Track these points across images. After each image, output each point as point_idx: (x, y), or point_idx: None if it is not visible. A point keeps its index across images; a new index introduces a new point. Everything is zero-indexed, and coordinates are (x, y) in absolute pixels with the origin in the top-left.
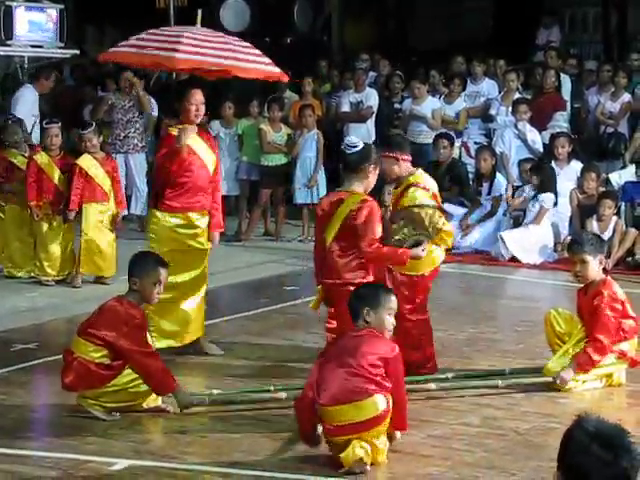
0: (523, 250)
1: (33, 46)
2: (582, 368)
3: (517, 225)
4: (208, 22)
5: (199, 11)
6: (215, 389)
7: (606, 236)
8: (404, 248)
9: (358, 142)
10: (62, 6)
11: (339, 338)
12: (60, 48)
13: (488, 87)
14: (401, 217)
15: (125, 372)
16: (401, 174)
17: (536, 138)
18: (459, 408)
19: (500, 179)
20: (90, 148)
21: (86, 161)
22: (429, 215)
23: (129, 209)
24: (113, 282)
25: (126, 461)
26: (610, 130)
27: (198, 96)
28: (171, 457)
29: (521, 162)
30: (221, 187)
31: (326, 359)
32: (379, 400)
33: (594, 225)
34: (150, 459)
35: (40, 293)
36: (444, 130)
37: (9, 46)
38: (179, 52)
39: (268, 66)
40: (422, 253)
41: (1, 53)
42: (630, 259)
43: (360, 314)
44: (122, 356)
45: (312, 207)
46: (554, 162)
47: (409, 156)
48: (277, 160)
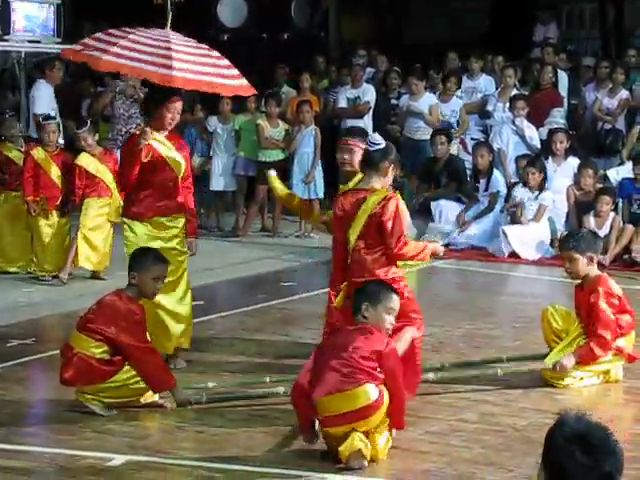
0: (523, 245)
1: (30, 41)
2: (583, 360)
3: (514, 221)
4: (206, 18)
5: (169, 16)
6: (211, 382)
7: (603, 232)
8: (425, 244)
9: (382, 140)
10: (59, 1)
11: (335, 332)
12: (57, 44)
13: (485, 83)
14: None
15: (126, 368)
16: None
17: (533, 134)
18: (456, 404)
19: (497, 175)
20: (86, 147)
21: (84, 159)
22: None
23: None
24: (110, 277)
25: (123, 456)
26: (607, 127)
27: (178, 105)
28: (168, 452)
29: (518, 158)
30: (193, 191)
31: (321, 353)
32: (370, 389)
33: (591, 221)
34: (147, 454)
35: (37, 288)
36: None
37: (6, 41)
38: (174, 69)
39: (240, 80)
40: (441, 249)
41: None
42: (627, 256)
43: (360, 309)
44: (121, 352)
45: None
46: (551, 158)
47: None
48: (274, 156)
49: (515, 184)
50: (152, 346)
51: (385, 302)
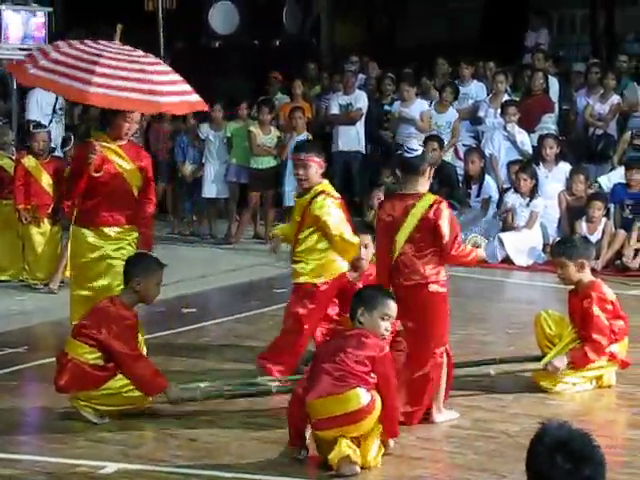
0: (517, 251)
1: (22, 49)
2: (576, 363)
3: (506, 227)
4: (198, 26)
5: (118, 27)
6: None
7: (595, 238)
8: (472, 248)
9: (417, 146)
10: (50, 9)
11: (332, 338)
12: None
13: (476, 89)
14: None
15: (119, 376)
16: (317, 181)
17: (525, 140)
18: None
19: (489, 181)
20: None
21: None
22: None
23: None
24: None
25: (115, 465)
26: (599, 132)
27: (136, 114)
28: (160, 460)
29: (510, 164)
30: (154, 203)
31: (316, 358)
32: (361, 393)
33: (583, 227)
34: (139, 463)
35: (29, 297)
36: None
37: None
38: (92, 85)
39: (182, 97)
40: (484, 254)
41: None
42: (619, 262)
43: (356, 314)
44: (111, 358)
45: None
46: (542, 163)
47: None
48: (267, 163)
49: (507, 190)
50: (141, 352)
51: (381, 308)
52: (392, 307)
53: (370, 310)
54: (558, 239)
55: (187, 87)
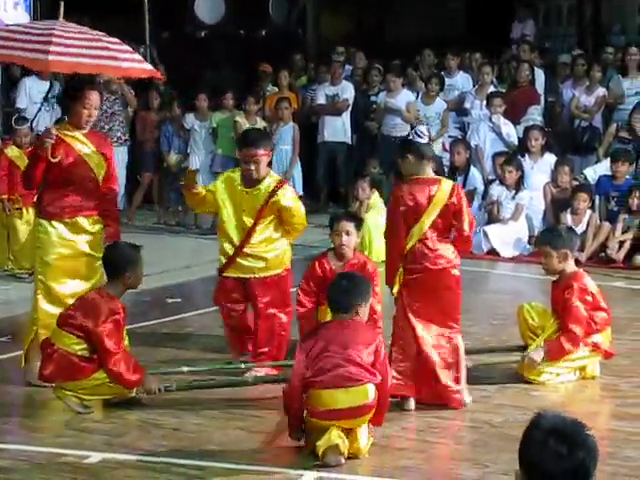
0: (502, 243)
1: None
2: (552, 356)
3: (491, 219)
4: (183, 15)
5: (61, 3)
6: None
7: (580, 229)
8: None
9: (427, 131)
10: None
11: (327, 327)
12: None
13: (462, 80)
14: None
15: None
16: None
17: (511, 131)
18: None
19: (474, 172)
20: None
21: None
22: None
23: None
24: None
25: (100, 454)
26: (585, 124)
27: (94, 98)
28: (145, 450)
29: (495, 156)
30: (116, 193)
31: (318, 346)
32: (370, 389)
33: (568, 218)
34: (124, 452)
35: (14, 287)
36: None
37: None
38: (51, 54)
39: (141, 64)
40: None
41: None
42: (603, 254)
43: (353, 307)
44: (96, 350)
45: None
46: (527, 155)
47: None
48: None
49: (492, 181)
50: (119, 348)
51: (371, 298)
52: None
53: (367, 302)
54: (544, 229)
55: (139, 57)
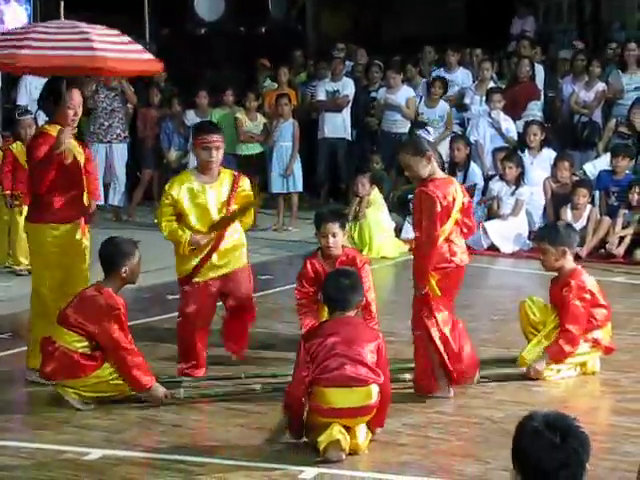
0: (502, 239)
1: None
2: (554, 359)
3: (490, 214)
4: (183, 12)
5: (61, 3)
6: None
7: (580, 225)
8: None
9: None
10: None
11: (329, 325)
12: None
13: (462, 76)
14: None
15: (106, 364)
16: None
17: (510, 127)
18: (434, 396)
19: (474, 168)
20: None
21: None
22: None
23: (106, 199)
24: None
25: (100, 451)
26: (584, 119)
27: (76, 97)
28: (145, 447)
29: (495, 151)
30: (97, 198)
31: (322, 345)
32: (374, 390)
33: (568, 214)
34: (124, 449)
35: (15, 283)
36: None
37: None
38: (24, 49)
39: (138, 54)
40: None
41: None
42: (603, 249)
43: (355, 304)
44: (102, 348)
45: (288, 196)
46: (527, 151)
47: None
48: (253, 149)
49: (492, 177)
50: (132, 345)
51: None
52: None
53: (361, 297)
54: (543, 225)
55: (139, 47)
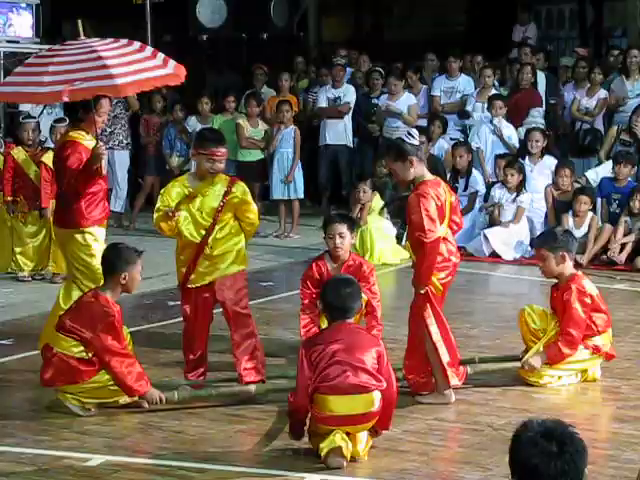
0: (503, 246)
1: (9, 41)
2: (551, 360)
3: (492, 221)
4: (185, 19)
5: (79, 22)
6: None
7: (582, 232)
8: None
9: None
10: (37, 1)
11: (330, 332)
12: (36, 44)
13: (464, 83)
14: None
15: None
16: None
17: (512, 134)
18: (435, 403)
19: (476, 175)
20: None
21: (50, 158)
22: None
23: (108, 205)
24: None
25: (101, 457)
26: (586, 126)
27: (106, 106)
28: (146, 453)
29: (497, 158)
30: None
31: (324, 352)
32: (376, 397)
33: (570, 221)
34: (125, 455)
35: (16, 289)
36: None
37: None
38: (43, 85)
39: (161, 70)
40: None
41: None
42: (605, 256)
43: (355, 312)
44: (97, 355)
45: (289, 203)
46: (528, 157)
47: None
48: (254, 156)
49: (494, 184)
50: (127, 350)
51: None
52: None
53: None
54: (541, 232)
55: (158, 62)
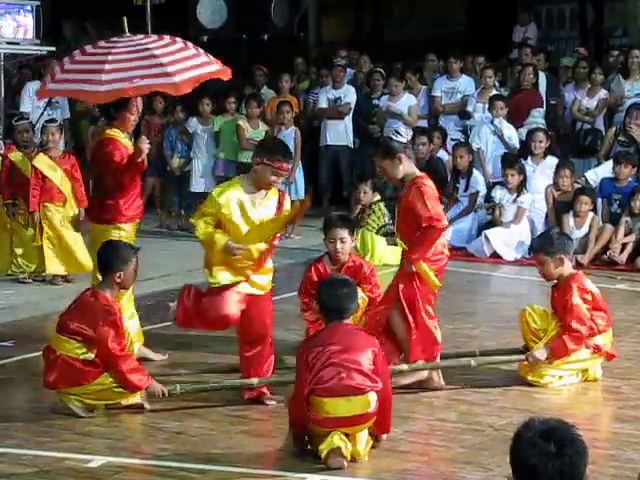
0: (504, 246)
1: (9, 43)
2: (555, 354)
3: (494, 222)
4: (185, 19)
5: (124, 19)
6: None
7: (582, 232)
8: None
9: (405, 131)
10: (38, 2)
11: (327, 333)
12: (36, 45)
13: (465, 83)
14: None
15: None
16: None
17: (512, 134)
18: (436, 404)
19: (477, 175)
20: (50, 143)
21: (41, 161)
22: None
23: None
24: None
25: (102, 458)
26: (587, 127)
27: (139, 103)
28: (147, 454)
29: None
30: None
31: (320, 354)
32: (372, 398)
33: (571, 221)
34: (126, 456)
35: (17, 290)
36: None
37: None
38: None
39: (202, 68)
40: None
41: None
42: (606, 256)
43: (352, 313)
44: (98, 353)
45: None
46: (530, 158)
47: None
48: None
49: (495, 184)
50: (125, 349)
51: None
52: None
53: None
54: (536, 236)
55: (203, 59)
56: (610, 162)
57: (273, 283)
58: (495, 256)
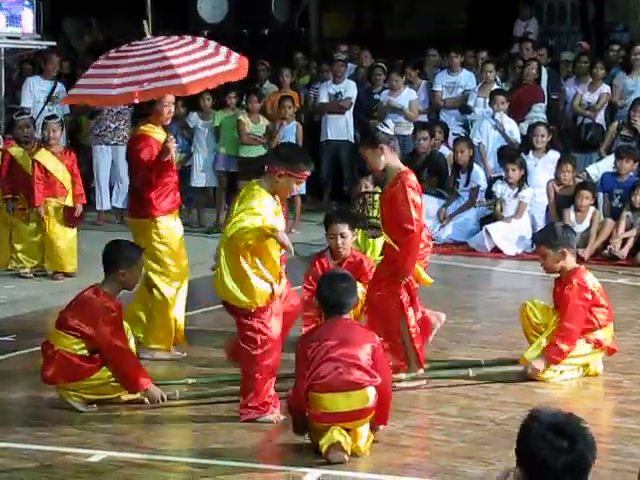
0: (505, 241)
1: (10, 38)
2: (553, 360)
3: (495, 217)
4: (186, 14)
5: (144, 22)
6: (190, 379)
7: (583, 227)
8: None
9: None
10: None
11: (325, 328)
12: (36, 40)
13: (466, 78)
14: None
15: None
16: None
17: (514, 129)
18: (436, 398)
19: (478, 170)
20: (51, 140)
21: (44, 156)
22: None
23: (110, 202)
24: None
25: (103, 452)
26: (588, 121)
27: (170, 97)
28: (148, 448)
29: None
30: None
31: (318, 348)
32: (370, 393)
33: (572, 216)
34: (127, 450)
35: (18, 285)
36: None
37: None
38: (112, 87)
39: (224, 66)
40: None
41: None
42: (607, 251)
43: (351, 307)
44: (98, 350)
45: (291, 198)
46: (531, 152)
47: None
48: (256, 151)
49: (496, 179)
50: (126, 346)
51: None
52: None
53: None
54: (539, 229)
55: (218, 58)
56: (612, 157)
57: None
58: (496, 251)
